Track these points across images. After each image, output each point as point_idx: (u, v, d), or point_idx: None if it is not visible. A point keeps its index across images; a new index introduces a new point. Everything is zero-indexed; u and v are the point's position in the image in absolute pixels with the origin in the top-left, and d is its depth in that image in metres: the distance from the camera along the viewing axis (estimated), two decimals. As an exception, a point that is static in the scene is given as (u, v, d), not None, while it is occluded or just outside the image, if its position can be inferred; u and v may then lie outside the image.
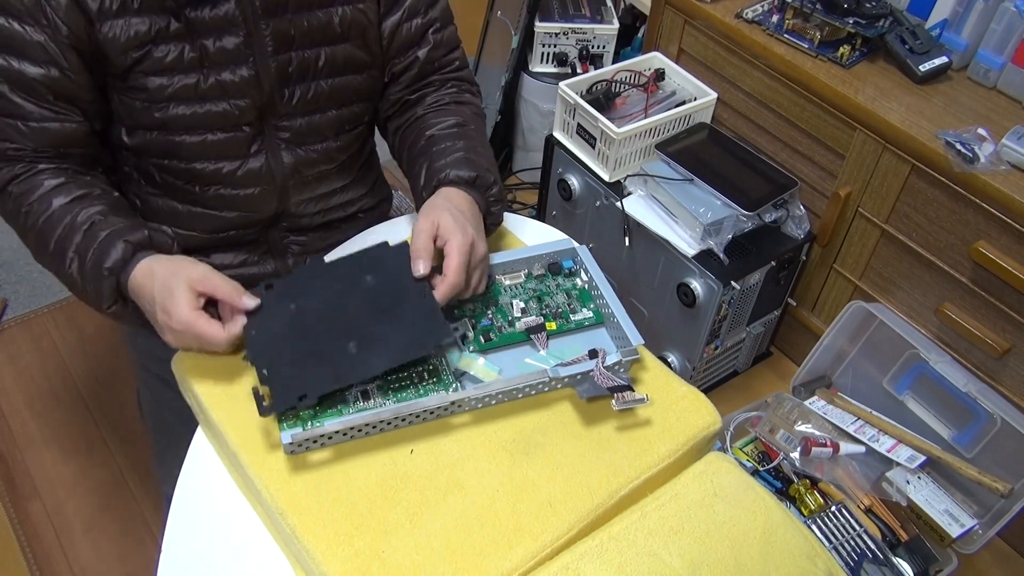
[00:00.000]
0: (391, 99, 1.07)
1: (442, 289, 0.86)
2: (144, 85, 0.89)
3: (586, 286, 0.97)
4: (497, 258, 0.97)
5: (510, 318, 0.93)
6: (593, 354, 0.87)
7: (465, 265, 0.87)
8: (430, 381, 0.85)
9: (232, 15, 0.88)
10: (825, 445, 1.42)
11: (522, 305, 0.94)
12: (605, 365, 0.85)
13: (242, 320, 0.84)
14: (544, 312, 0.94)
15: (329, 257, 0.92)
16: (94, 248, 0.87)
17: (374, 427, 0.81)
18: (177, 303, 0.82)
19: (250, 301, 0.85)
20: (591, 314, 0.94)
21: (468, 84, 1.11)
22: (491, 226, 0.99)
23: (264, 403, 0.79)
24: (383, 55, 1.03)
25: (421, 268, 0.86)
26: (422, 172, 0.99)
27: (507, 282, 0.97)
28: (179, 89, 0.90)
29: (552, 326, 0.92)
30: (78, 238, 0.88)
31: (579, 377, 0.85)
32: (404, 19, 1.01)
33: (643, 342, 0.88)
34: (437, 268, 0.87)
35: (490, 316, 0.93)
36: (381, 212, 1.21)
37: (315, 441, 0.80)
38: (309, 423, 0.80)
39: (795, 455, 1.44)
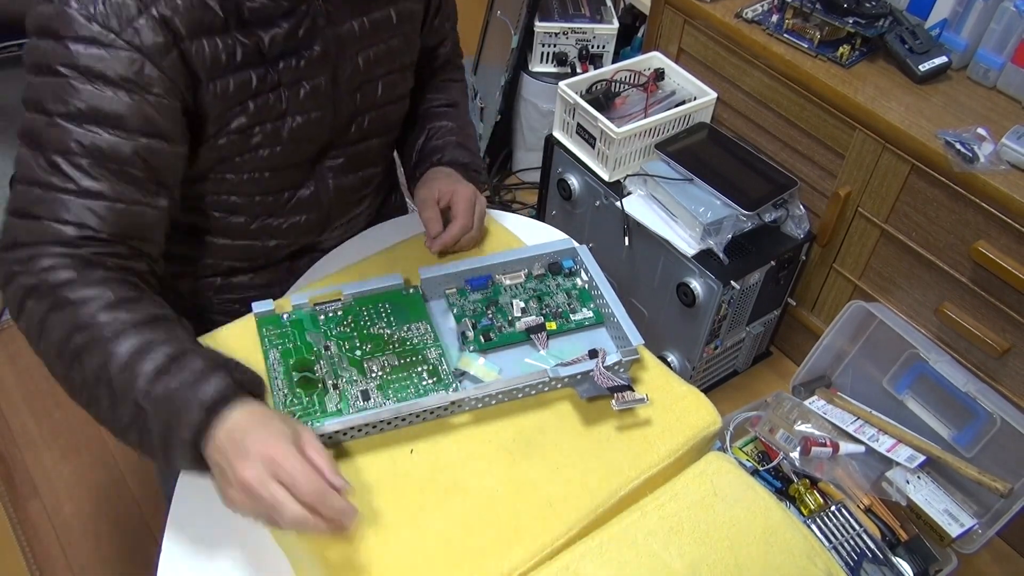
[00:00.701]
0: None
1: (452, 231, 0.96)
2: (230, 142, 0.86)
3: (586, 286, 0.97)
4: (497, 258, 0.97)
5: (510, 318, 0.93)
6: (593, 354, 0.88)
7: (471, 210, 0.98)
8: (430, 381, 0.85)
9: (319, 58, 0.86)
10: (825, 445, 1.42)
11: (522, 305, 0.94)
12: (605, 365, 0.85)
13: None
14: (544, 312, 0.94)
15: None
16: (183, 375, 0.70)
17: (374, 427, 0.81)
18: (312, 442, 0.70)
19: (340, 481, 0.70)
20: (591, 314, 0.94)
21: (458, 59, 1.17)
22: None
23: None
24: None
25: (433, 231, 0.97)
26: (414, 150, 1.08)
27: (507, 282, 0.97)
28: (263, 139, 0.87)
29: (552, 326, 0.92)
30: (160, 364, 0.71)
31: (579, 377, 0.85)
32: (437, 20, 1.07)
33: (643, 342, 0.88)
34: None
35: (490, 316, 0.93)
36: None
37: None
38: (309, 423, 0.80)
39: (795, 455, 1.44)
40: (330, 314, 0.90)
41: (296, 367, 0.84)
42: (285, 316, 0.89)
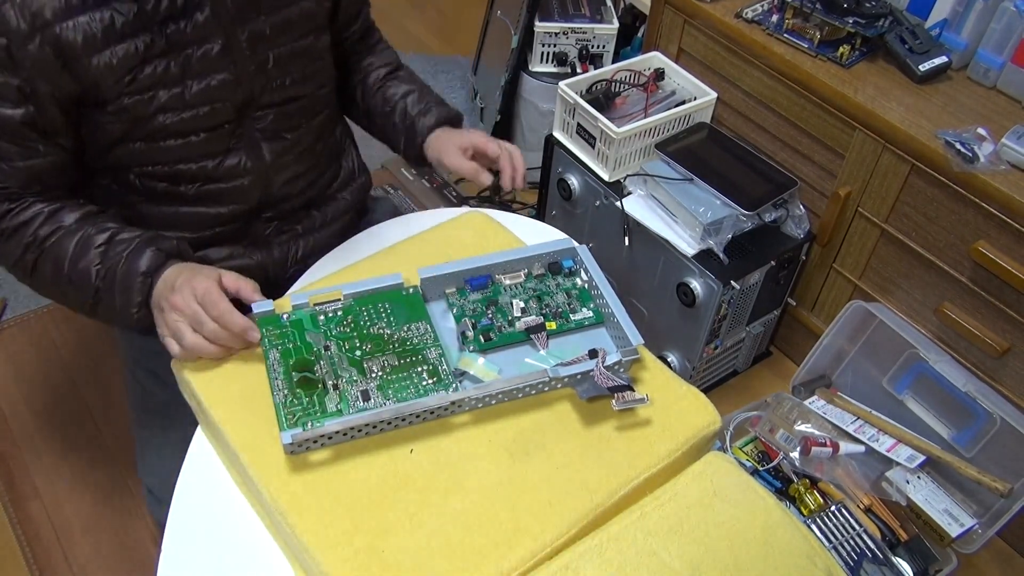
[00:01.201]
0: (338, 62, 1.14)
1: (516, 157, 1.10)
2: (130, 105, 0.90)
3: (586, 286, 0.97)
4: (497, 258, 0.97)
5: (510, 318, 0.93)
6: (593, 354, 0.88)
7: (495, 141, 1.09)
8: (430, 381, 0.85)
9: (209, 23, 0.90)
10: (825, 445, 1.42)
11: (522, 305, 0.94)
12: (605, 365, 0.85)
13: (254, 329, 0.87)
14: (544, 312, 0.94)
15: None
16: (126, 255, 0.90)
17: (374, 427, 0.81)
18: (200, 278, 0.86)
19: (259, 298, 0.89)
20: (591, 314, 0.94)
21: (376, 29, 1.23)
22: None
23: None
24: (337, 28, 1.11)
25: (484, 179, 1.06)
26: (391, 126, 1.17)
27: (507, 282, 0.97)
28: (165, 102, 0.92)
29: (552, 326, 0.92)
30: (101, 250, 0.91)
31: (579, 377, 0.85)
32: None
33: (643, 342, 0.88)
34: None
35: (490, 316, 0.93)
36: (361, 188, 1.23)
37: (315, 441, 0.80)
38: (309, 423, 0.80)
39: (795, 455, 1.44)
40: (330, 314, 0.90)
41: (296, 367, 0.84)
42: (285, 316, 0.90)
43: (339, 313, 0.90)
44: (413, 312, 0.91)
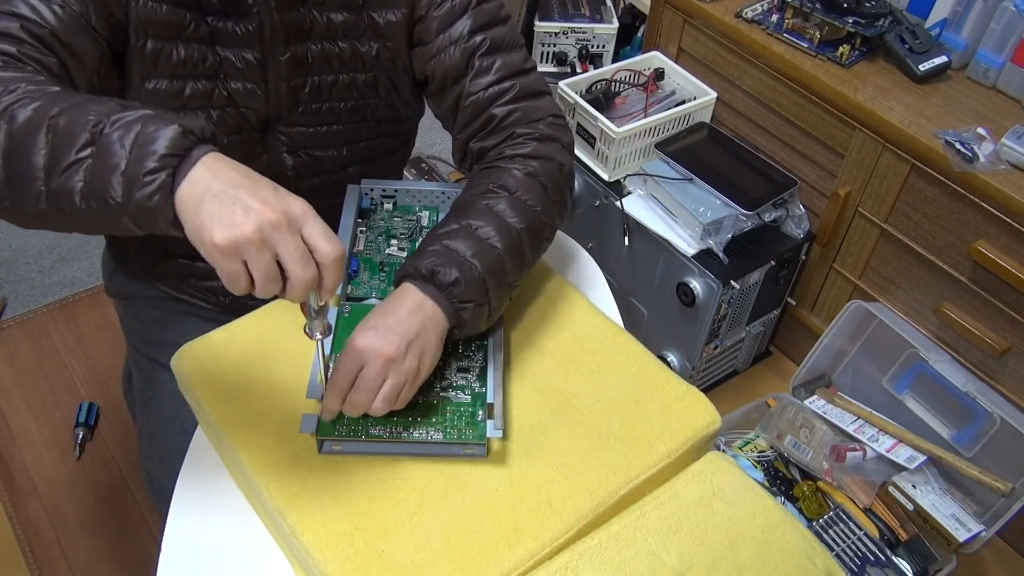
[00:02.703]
0: (458, 144, 0.96)
1: (327, 401, 0.76)
2: (160, 91, 0.87)
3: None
4: None
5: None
6: None
7: (350, 375, 0.75)
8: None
9: (251, 34, 0.86)
10: (856, 450, 1.43)
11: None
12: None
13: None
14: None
15: None
16: (142, 126, 0.61)
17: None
18: (289, 198, 0.63)
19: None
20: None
21: (545, 119, 0.92)
22: (468, 329, 0.83)
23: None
24: (430, 93, 0.96)
25: (327, 417, 0.77)
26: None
27: None
28: (193, 95, 0.88)
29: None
30: (112, 102, 0.64)
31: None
32: (443, 47, 0.91)
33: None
34: None
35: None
36: None
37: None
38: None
39: (807, 459, 1.45)
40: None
41: None
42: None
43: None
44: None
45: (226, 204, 0.59)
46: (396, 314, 0.78)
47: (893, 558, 1.37)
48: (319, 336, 0.70)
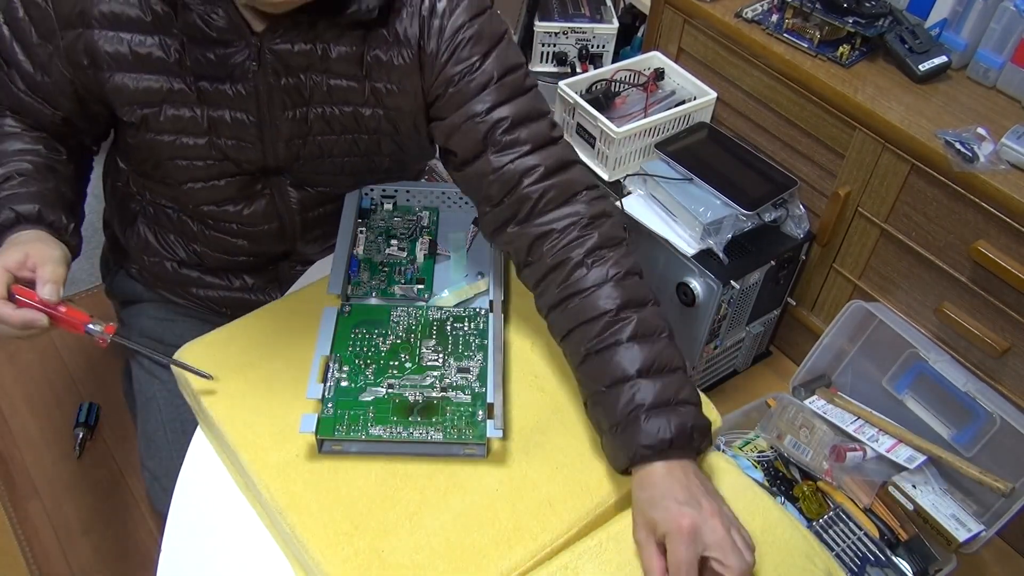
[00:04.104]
0: (489, 218, 0.89)
1: None
2: (151, 141, 0.88)
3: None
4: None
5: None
6: None
7: (691, 555, 0.69)
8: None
9: (247, 97, 0.86)
10: (856, 450, 1.43)
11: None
12: None
13: (39, 316, 0.79)
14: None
15: None
16: None
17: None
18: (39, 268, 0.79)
19: (52, 295, 0.79)
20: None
21: (583, 192, 0.86)
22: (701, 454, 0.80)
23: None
24: (452, 164, 0.91)
25: None
26: (602, 423, 0.79)
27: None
28: (187, 149, 0.89)
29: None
30: None
31: None
32: (460, 123, 0.86)
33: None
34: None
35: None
36: None
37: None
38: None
39: (807, 459, 1.45)
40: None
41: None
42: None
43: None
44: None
45: None
46: (673, 487, 0.73)
47: (893, 558, 1.37)
48: (106, 335, 0.81)
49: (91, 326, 0.81)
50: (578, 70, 1.98)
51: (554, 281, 0.83)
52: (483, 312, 0.91)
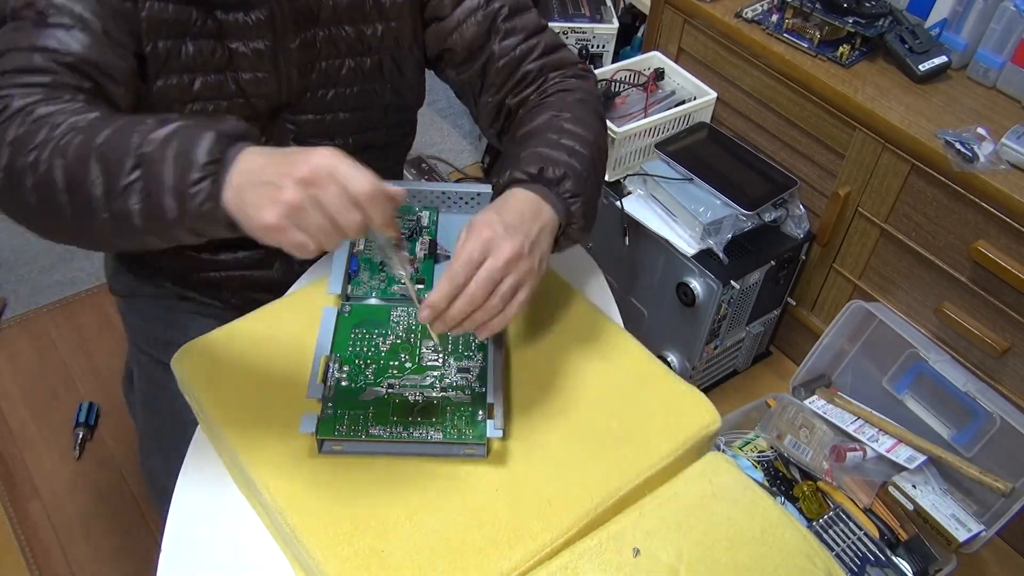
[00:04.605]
0: (489, 106, 0.98)
1: (432, 294, 0.70)
2: (169, 87, 0.88)
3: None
4: None
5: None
6: None
7: (468, 265, 0.70)
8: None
9: (261, 24, 0.87)
10: (856, 450, 1.43)
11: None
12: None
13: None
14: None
15: None
16: (189, 123, 0.66)
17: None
18: (315, 152, 0.63)
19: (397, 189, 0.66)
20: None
21: (571, 67, 0.98)
22: (574, 231, 0.83)
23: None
24: (452, 64, 0.97)
25: (425, 315, 0.71)
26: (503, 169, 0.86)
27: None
28: (203, 88, 0.89)
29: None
30: (152, 121, 0.67)
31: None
32: (463, 19, 0.94)
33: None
34: None
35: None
36: None
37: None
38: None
39: (807, 459, 1.45)
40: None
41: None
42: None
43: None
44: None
45: (260, 188, 0.62)
46: (514, 213, 0.76)
47: (893, 558, 1.37)
48: (401, 272, 0.72)
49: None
50: (578, 70, 1.98)
51: (531, 105, 0.94)
52: None
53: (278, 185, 0.61)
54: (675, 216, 1.52)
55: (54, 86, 0.74)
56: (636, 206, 1.56)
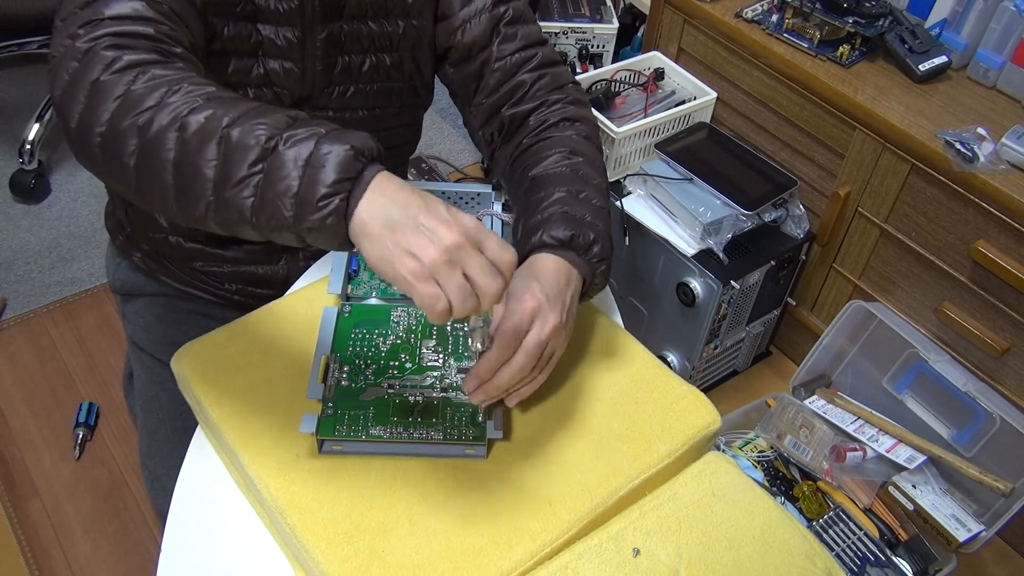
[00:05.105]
0: (482, 108, 0.99)
1: (478, 367, 0.73)
2: (210, 63, 0.88)
3: None
4: None
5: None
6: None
7: (514, 339, 0.73)
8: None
9: (291, 12, 0.89)
10: (856, 450, 1.43)
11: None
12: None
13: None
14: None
15: None
16: (314, 146, 0.63)
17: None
18: (463, 215, 0.63)
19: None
20: None
21: (567, 86, 0.99)
22: (594, 289, 0.86)
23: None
24: (452, 62, 0.99)
25: (472, 385, 0.74)
26: (519, 228, 0.86)
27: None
28: (235, 71, 0.90)
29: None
30: (287, 115, 0.66)
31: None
32: (468, 18, 0.96)
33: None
34: None
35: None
36: None
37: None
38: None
39: (807, 459, 1.45)
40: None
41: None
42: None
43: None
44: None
45: (411, 231, 0.61)
46: (551, 283, 0.77)
47: (893, 558, 1.37)
48: (478, 346, 0.73)
49: None
50: (578, 70, 1.98)
51: (533, 131, 0.95)
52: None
53: (430, 236, 0.61)
54: (675, 216, 1.52)
55: (158, 39, 0.72)
56: (636, 206, 1.56)
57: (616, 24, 1.98)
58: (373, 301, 0.92)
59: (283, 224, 0.63)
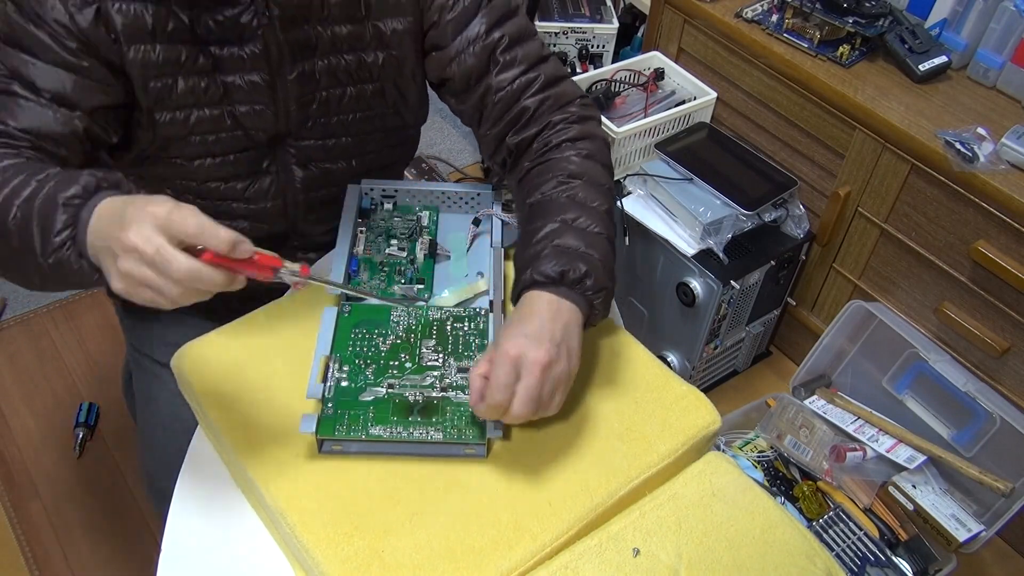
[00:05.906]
0: (489, 138, 0.97)
1: (487, 398, 0.73)
2: (164, 122, 0.88)
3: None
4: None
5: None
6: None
7: (509, 377, 0.73)
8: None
9: (257, 57, 0.87)
10: (856, 450, 1.43)
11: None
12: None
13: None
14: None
15: None
16: (55, 180, 0.71)
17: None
18: (132, 225, 0.64)
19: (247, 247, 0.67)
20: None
21: (573, 103, 0.95)
22: (595, 318, 0.84)
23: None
24: (452, 93, 0.96)
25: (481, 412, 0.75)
26: (517, 260, 0.85)
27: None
28: (199, 122, 0.89)
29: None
30: (32, 186, 0.72)
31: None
32: (462, 49, 0.92)
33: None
34: None
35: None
36: None
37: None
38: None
39: (807, 459, 1.45)
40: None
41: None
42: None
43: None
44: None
45: (105, 256, 0.67)
46: (536, 321, 0.77)
47: (893, 558, 1.37)
48: (296, 279, 0.72)
49: (283, 270, 0.70)
50: (578, 70, 1.98)
51: (536, 155, 0.92)
52: (483, 312, 0.91)
53: (114, 257, 0.64)
54: (675, 216, 1.52)
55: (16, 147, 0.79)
56: (636, 206, 1.56)
57: (616, 24, 1.98)
58: (373, 301, 0.92)
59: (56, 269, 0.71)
